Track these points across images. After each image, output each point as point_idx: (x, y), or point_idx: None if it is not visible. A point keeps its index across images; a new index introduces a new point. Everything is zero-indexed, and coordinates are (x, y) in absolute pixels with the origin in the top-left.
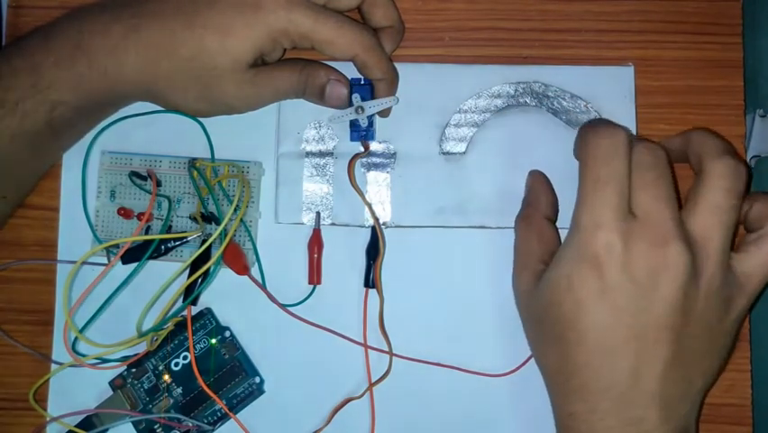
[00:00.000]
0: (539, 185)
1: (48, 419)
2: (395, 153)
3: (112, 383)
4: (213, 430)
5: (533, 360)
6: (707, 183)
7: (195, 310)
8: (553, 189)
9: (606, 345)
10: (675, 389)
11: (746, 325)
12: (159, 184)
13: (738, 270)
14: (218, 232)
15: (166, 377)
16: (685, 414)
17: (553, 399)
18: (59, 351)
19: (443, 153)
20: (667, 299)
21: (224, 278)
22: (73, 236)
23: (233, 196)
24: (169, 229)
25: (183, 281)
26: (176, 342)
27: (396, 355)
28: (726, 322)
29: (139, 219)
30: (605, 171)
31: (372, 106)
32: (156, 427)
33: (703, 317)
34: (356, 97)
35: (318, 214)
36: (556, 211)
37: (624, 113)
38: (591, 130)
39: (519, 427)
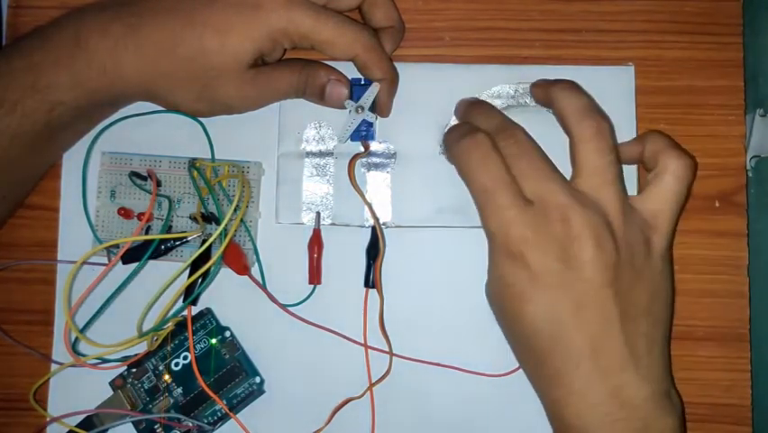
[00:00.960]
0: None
1: (48, 419)
2: (395, 153)
3: (112, 383)
4: (213, 430)
5: None
6: (578, 149)
7: (195, 310)
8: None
9: (558, 326)
10: (639, 344)
11: (746, 325)
12: (159, 184)
13: (643, 210)
14: (218, 232)
15: (166, 377)
16: (659, 371)
17: (537, 393)
18: (60, 351)
19: (443, 153)
20: (591, 260)
21: (224, 278)
22: (73, 236)
23: (233, 196)
24: (169, 229)
25: (183, 281)
26: (176, 342)
27: (396, 355)
28: (654, 263)
29: (139, 219)
30: (487, 178)
31: (366, 100)
32: (156, 427)
33: (630, 264)
34: (348, 103)
35: (318, 214)
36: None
37: (624, 113)
38: (454, 141)
39: (519, 426)
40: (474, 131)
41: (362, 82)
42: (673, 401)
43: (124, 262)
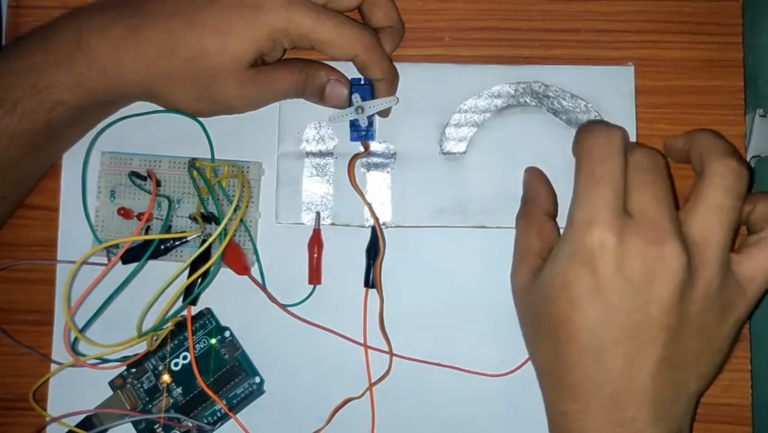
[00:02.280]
0: (537, 181)
1: (48, 419)
2: (395, 153)
3: (112, 383)
4: (213, 430)
5: None
6: (707, 183)
7: (195, 310)
8: (551, 185)
9: (597, 344)
10: (668, 391)
11: (746, 325)
12: (159, 184)
13: (738, 272)
14: (218, 232)
15: (166, 377)
16: (678, 416)
17: (545, 397)
18: (59, 351)
19: (443, 153)
20: (662, 299)
21: (224, 278)
22: (73, 236)
23: (233, 196)
24: (168, 229)
25: (183, 281)
26: (176, 342)
27: (396, 355)
28: (724, 326)
29: (139, 219)
30: (599, 169)
31: (372, 107)
32: (156, 427)
33: (700, 319)
34: (356, 97)
35: (318, 214)
36: (556, 207)
37: (624, 113)
38: (588, 129)
39: (519, 426)
40: (615, 128)
41: (362, 82)
42: None
43: (124, 262)
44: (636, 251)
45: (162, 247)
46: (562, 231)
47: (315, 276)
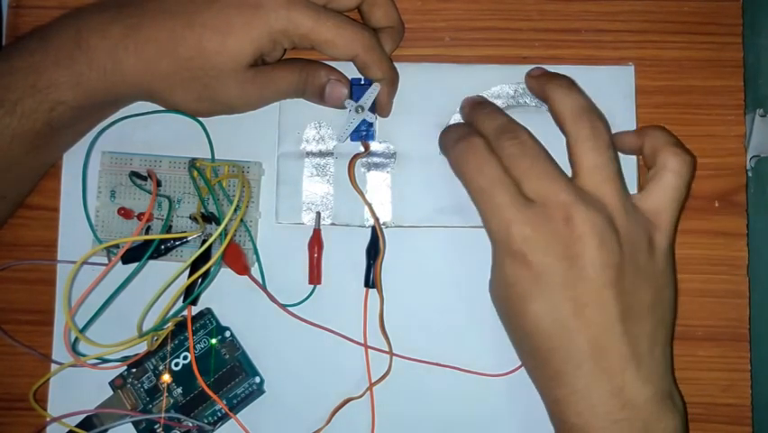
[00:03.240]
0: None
1: (48, 419)
2: (395, 153)
3: (112, 383)
4: (213, 430)
5: None
6: (576, 148)
7: (195, 310)
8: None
9: (561, 325)
10: (641, 344)
11: (746, 325)
12: (159, 184)
13: (645, 208)
14: (218, 232)
15: (166, 377)
16: (661, 371)
17: (539, 392)
18: (59, 351)
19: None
20: (593, 259)
21: (224, 278)
22: (73, 236)
23: (233, 196)
24: (169, 229)
25: (183, 281)
26: (176, 342)
27: (396, 355)
28: (656, 262)
29: (139, 219)
30: (483, 180)
31: (366, 100)
32: (156, 427)
33: (633, 263)
34: (348, 102)
35: (318, 214)
36: None
37: (624, 113)
38: (450, 146)
39: (519, 426)
40: (469, 134)
41: (362, 82)
42: (675, 402)
43: (124, 262)
44: (553, 231)
45: (162, 247)
46: None
47: (315, 276)
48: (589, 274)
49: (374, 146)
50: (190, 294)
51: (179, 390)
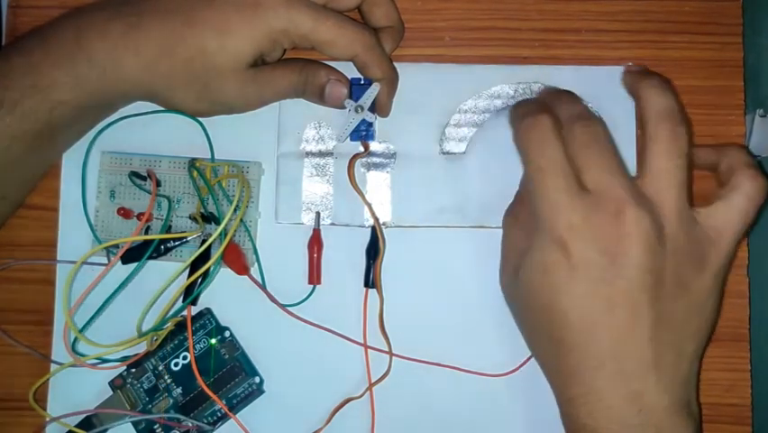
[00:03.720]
0: None
1: (48, 419)
2: (395, 153)
3: (112, 383)
4: (213, 430)
5: (533, 360)
6: (649, 149)
7: (195, 310)
8: None
9: (588, 321)
10: (667, 355)
11: (746, 325)
12: (159, 184)
13: (706, 225)
14: (218, 232)
15: (166, 377)
16: (682, 383)
17: (552, 389)
18: (59, 351)
19: (443, 153)
20: (635, 262)
21: (224, 278)
22: (73, 236)
23: (233, 196)
24: (168, 229)
25: (183, 281)
26: (176, 342)
27: (396, 355)
28: (703, 279)
29: (139, 219)
30: (543, 161)
31: (366, 100)
32: (156, 427)
33: (676, 275)
34: (348, 102)
35: (318, 214)
36: None
37: (624, 113)
38: (517, 120)
39: (519, 426)
40: (538, 111)
41: (362, 82)
42: (692, 412)
43: (124, 262)
44: (601, 224)
45: (162, 247)
46: None
47: (314, 276)
48: (628, 274)
49: (374, 146)
50: (190, 294)
51: (179, 390)
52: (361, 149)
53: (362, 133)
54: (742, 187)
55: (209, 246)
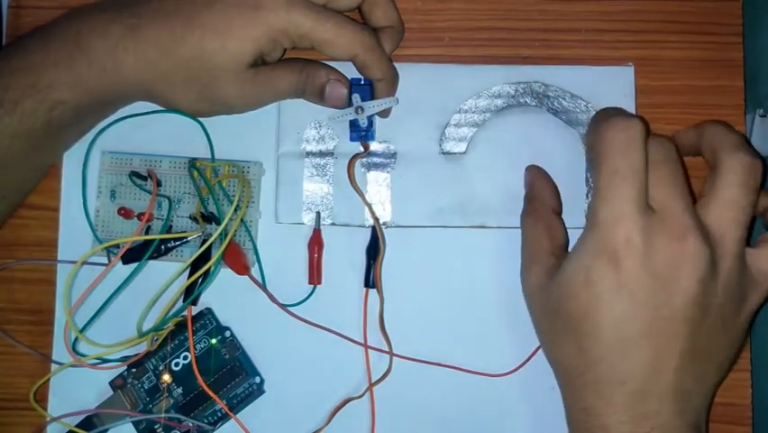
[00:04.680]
0: (540, 179)
1: (48, 419)
2: (395, 153)
3: (112, 383)
4: (213, 430)
5: (532, 360)
6: (722, 178)
7: (195, 310)
8: (553, 182)
9: (623, 340)
10: (691, 383)
11: None
12: (159, 184)
13: (754, 266)
14: (218, 232)
15: (166, 377)
16: (698, 408)
17: (565, 393)
18: (60, 351)
19: (443, 153)
20: (686, 292)
21: (225, 278)
22: (73, 236)
23: (233, 196)
24: (169, 229)
25: (183, 281)
26: (176, 342)
27: (396, 355)
28: (740, 317)
29: (139, 219)
30: (623, 164)
31: (372, 107)
32: (156, 427)
33: (720, 311)
34: (356, 97)
35: (318, 214)
36: (560, 204)
37: None
38: (606, 121)
39: (519, 426)
40: (634, 117)
41: (362, 82)
42: (700, 431)
43: (124, 262)
44: (660, 246)
45: (163, 247)
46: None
47: (315, 276)
48: (676, 303)
49: (374, 146)
50: (190, 294)
51: (179, 390)
52: (361, 149)
53: (362, 133)
54: None
55: (209, 246)
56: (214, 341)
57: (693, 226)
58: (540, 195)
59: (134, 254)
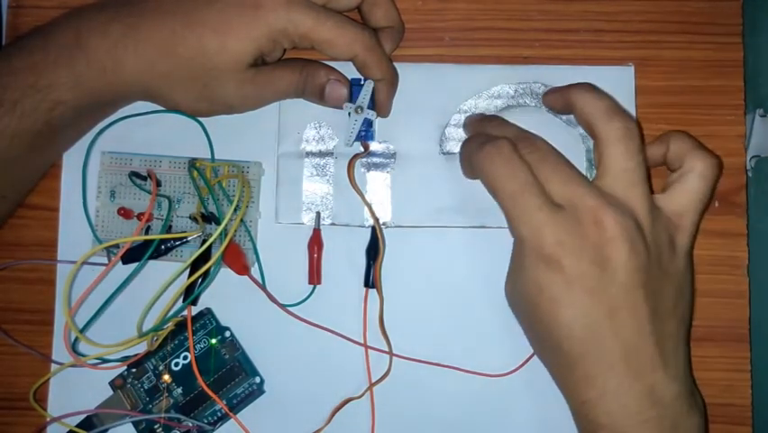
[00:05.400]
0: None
1: (48, 419)
2: (395, 153)
3: (112, 383)
4: (213, 430)
5: (532, 360)
6: (607, 151)
7: (195, 310)
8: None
9: (592, 330)
10: (667, 343)
11: (746, 325)
12: (159, 184)
13: (668, 209)
14: (218, 232)
15: (166, 377)
16: (685, 367)
17: (563, 391)
18: (60, 351)
19: (443, 153)
20: (624, 263)
21: (224, 278)
22: (73, 236)
23: (233, 196)
24: (169, 229)
25: (183, 281)
26: (176, 342)
27: (396, 355)
28: (678, 261)
29: (139, 219)
30: (513, 184)
31: (363, 99)
32: (156, 427)
33: (657, 265)
34: (347, 105)
35: (318, 214)
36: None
37: None
38: (475, 150)
39: (519, 426)
40: (494, 138)
41: (362, 82)
42: (697, 400)
43: (124, 262)
44: (585, 235)
45: (163, 247)
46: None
47: (315, 276)
48: (621, 278)
49: (374, 146)
50: (190, 294)
51: (179, 390)
52: (361, 149)
53: (362, 133)
54: (695, 167)
55: (209, 246)
56: (213, 341)
57: (602, 205)
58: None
59: (134, 254)
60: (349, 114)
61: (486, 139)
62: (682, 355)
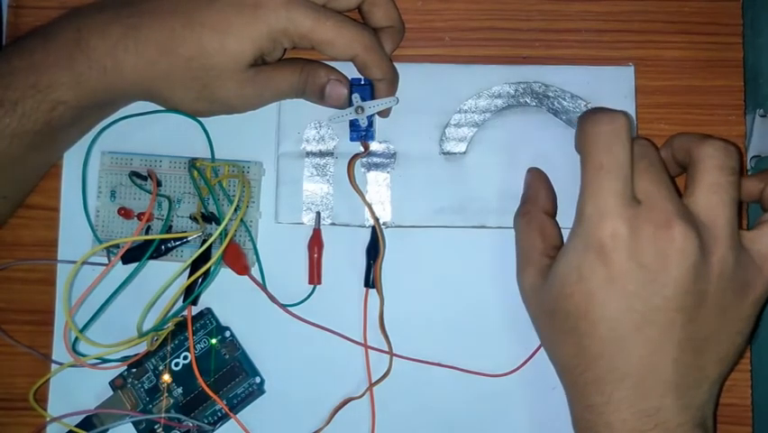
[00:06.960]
0: (537, 181)
1: (48, 419)
2: (395, 153)
3: (112, 383)
4: (213, 430)
5: (532, 360)
6: (700, 166)
7: (195, 310)
8: (551, 185)
9: (618, 334)
10: (690, 376)
11: None
12: (159, 184)
13: (753, 250)
14: (218, 232)
15: (166, 377)
16: (701, 404)
17: (568, 392)
18: (60, 351)
19: (443, 153)
20: (677, 280)
21: (225, 278)
22: (73, 236)
23: (234, 196)
24: (169, 229)
25: (183, 281)
26: (176, 342)
27: (396, 355)
28: (743, 306)
29: (139, 219)
30: (607, 159)
31: (372, 107)
32: (156, 427)
33: (716, 298)
34: (356, 97)
35: (318, 214)
36: (555, 206)
37: None
38: (590, 118)
39: (519, 426)
40: (618, 113)
41: (362, 82)
42: (707, 429)
43: (124, 262)
44: (648, 237)
45: (163, 247)
46: (563, 230)
47: (315, 276)
48: (666, 293)
49: (374, 146)
50: (190, 294)
51: (179, 390)
52: (361, 149)
53: (362, 133)
54: None
55: (209, 246)
56: (214, 341)
57: (678, 213)
58: (534, 196)
59: (134, 254)
60: (353, 103)
61: (613, 112)
62: (705, 392)
